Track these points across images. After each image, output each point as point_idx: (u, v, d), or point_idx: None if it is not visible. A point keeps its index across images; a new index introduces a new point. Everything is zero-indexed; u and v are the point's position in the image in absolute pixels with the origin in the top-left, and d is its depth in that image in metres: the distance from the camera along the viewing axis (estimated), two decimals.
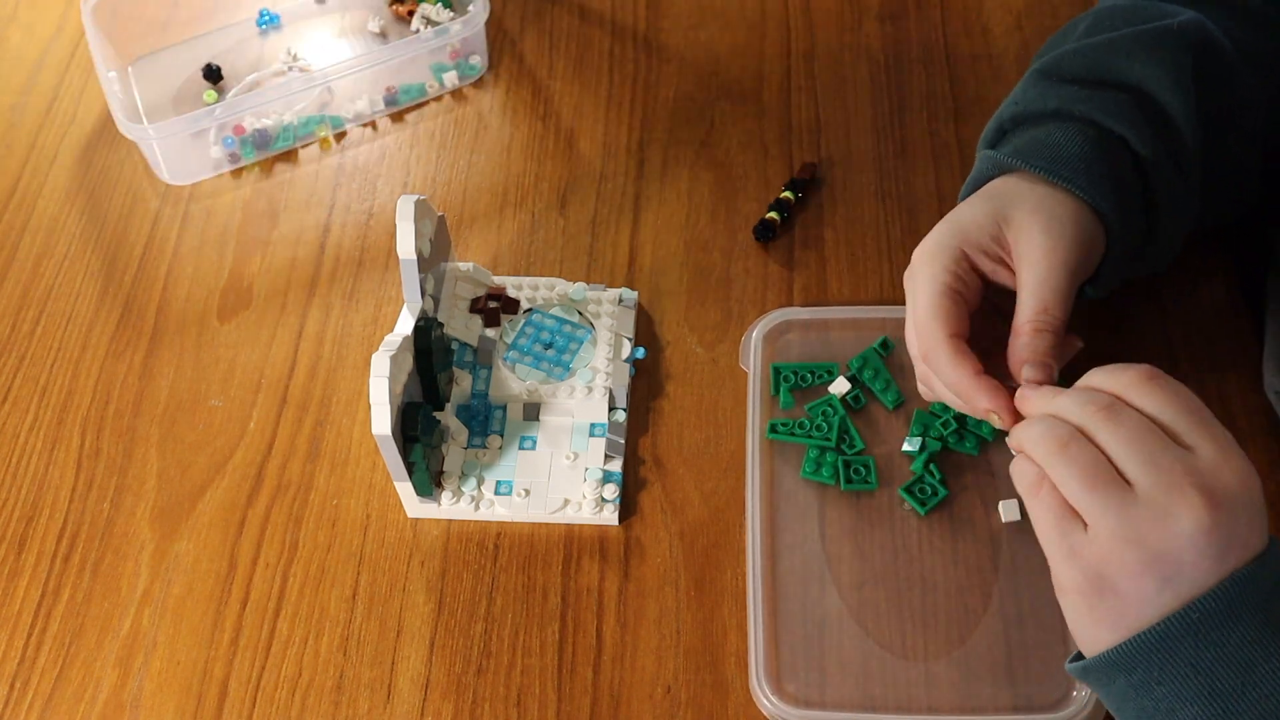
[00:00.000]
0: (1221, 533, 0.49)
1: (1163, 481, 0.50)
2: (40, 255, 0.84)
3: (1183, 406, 0.52)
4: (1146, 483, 0.50)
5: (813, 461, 0.69)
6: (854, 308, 0.76)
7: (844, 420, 0.71)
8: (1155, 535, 0.50)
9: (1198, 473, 0.50)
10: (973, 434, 0.69)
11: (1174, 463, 0.50)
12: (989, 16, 0.93)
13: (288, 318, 0.80)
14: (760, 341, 0.74)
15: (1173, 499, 0.49)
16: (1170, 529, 0.49)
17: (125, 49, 0.93)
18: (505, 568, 0.69)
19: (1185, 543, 0.49)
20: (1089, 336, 0.74)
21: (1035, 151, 0.65)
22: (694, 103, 0.89)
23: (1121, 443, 0.51)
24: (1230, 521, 0.49)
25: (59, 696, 0.66)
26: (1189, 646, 0.49)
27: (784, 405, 0.72)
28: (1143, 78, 0.66)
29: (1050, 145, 0.64)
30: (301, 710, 0.65)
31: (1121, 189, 0.64)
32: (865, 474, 0.69)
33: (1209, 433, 0.51)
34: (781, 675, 0.63)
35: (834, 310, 0.76)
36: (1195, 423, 0.52)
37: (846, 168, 0.85)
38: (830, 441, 0.70)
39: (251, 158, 0.88)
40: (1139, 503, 0.50)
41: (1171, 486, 0.50)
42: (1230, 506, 0.49)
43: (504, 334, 0.76)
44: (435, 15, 0.93)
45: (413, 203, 0.68)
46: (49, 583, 0.70)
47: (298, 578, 0.69)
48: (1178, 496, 0.49)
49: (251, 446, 0.74)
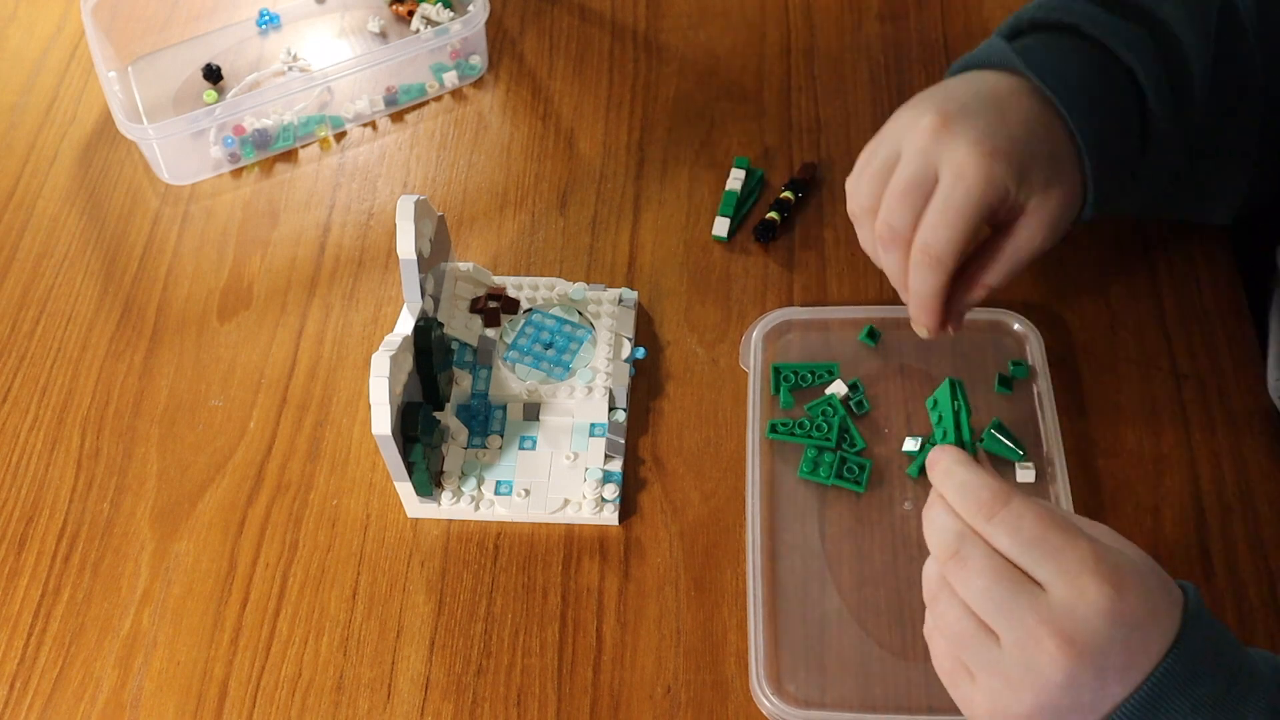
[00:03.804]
0: (1090, 671, 0.48)
1: (1018, 635, 0.49)
2: (40, 255, 0.84)
3: (1026, 538, 0.50)
4: (1006, 636, 0.49)
5: (810, 461, 0.69)
6: (854, 307, 0.77)
7: (844, 420, 0.71)
8: (1027, 687, 0.49)
9: (1051, 620, 0.48)
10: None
11: (1025, 612, 0.49)
12: (989, 16, 0.93)
13: (288, 318, 0.80)
14: (760, 341, 0.74)
15: (1030, 652, 0.48)
16: (1037, 681, 0.48)
17: (125, 49, 0.93)
18: (505, 568, 0.69)
19: (1057, 690, 0.48)
20: (1089, 337, 0.75)
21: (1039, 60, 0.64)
22: (694, 103, 0.89)
23: (974, 597, 0.50)
24: (1099, 657, 0.48)
25: (59, 696, 0.66)
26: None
27: (784, 405, 0.72)
28: (1168, 17, 0.65)
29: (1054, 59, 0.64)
30: (301, 710, 0.65)
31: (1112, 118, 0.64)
32: (857, 474, 0.69)
33: (1058, 566, 0.49)
34: (782, 676, 0.63)
35: (834, 310, 0.76)
36: (1042, 556, 0.49)
37: (846, 168, 0.83)
38: (830, 442, 0.70)
39: (251, 158, 0.88)
40: (1004, 657, 0.49)
41: (1027, 639, 0.48)
42: (1093, 643, 0.48)
43: (504, 334, 0.76)
44: (435, 15, 0.93)
45: (413, 203, 0.68)
46: (49, 583, 0.70)
47: (298, 578, 0.69)
48: (1034, 648, 0.48)
49: (251, 446, 0.74)
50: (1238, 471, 0.69)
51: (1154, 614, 0.49)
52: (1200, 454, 0.70)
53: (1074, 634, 0.48)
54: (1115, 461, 0.70)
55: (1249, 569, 0.66)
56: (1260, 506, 0.68)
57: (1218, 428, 0.71)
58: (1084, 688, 0.48)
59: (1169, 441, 0.71)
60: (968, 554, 0.51)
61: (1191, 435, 0.71)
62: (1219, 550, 0.67)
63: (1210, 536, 0.67)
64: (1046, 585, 0.49)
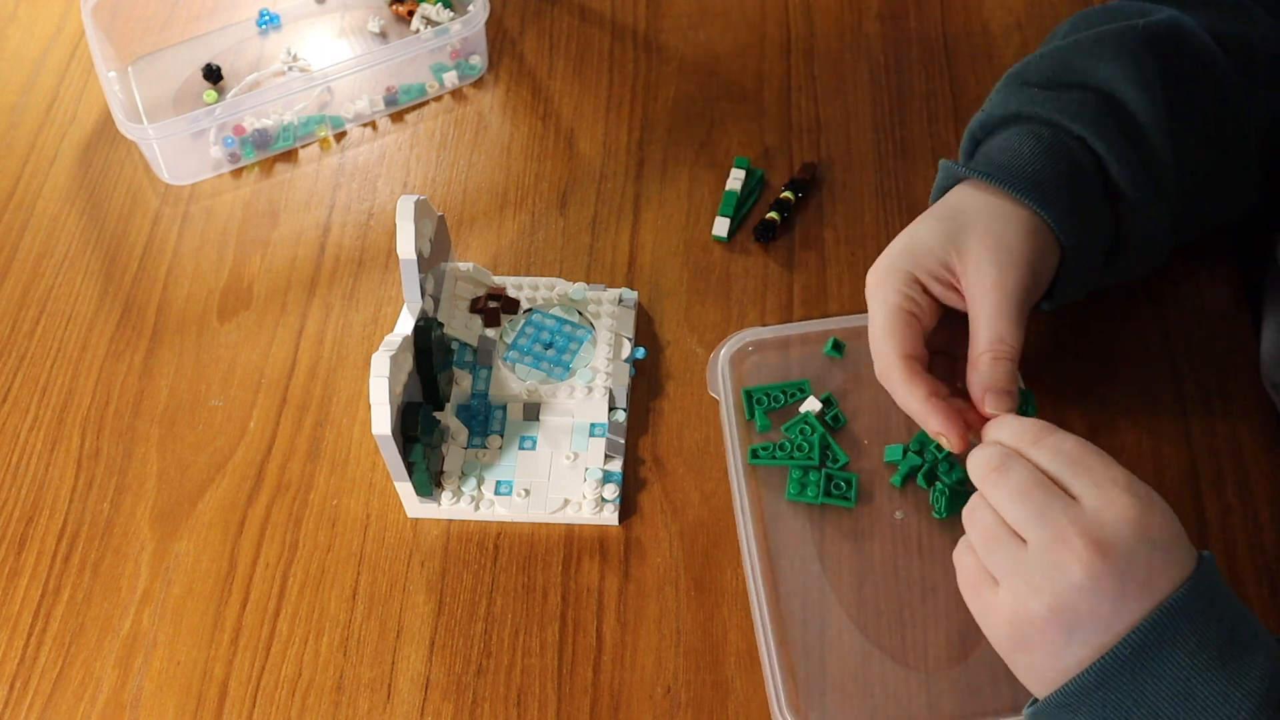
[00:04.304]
0: (1113, 577, 0.50)
1: (1048, 535, 0.51)
2: (40, 255, 0.84)
3: (1067, 457, 0.53)
4: (1034, 538, 0.52)
5: (796, 483, 0.69)
6: (816, 321, 0.75)
7: (824, 437, 0.70)
8: (1049, 588, 0.51)
9: (1082, 522, 0.51)
10: None
11: (1058, 515, 0.52)
12: (989, 16, 0.93)
13: (288, 318, 0.80)
14: (727, 366, 0.73)
15: (1058, 551, 0.51)
16: (1061, 581, 0.51)
17: (125, 49, 0.93)
18: (505, 568, 0.69)
19: (1078, 592, 0.50)
20: (1089, 338, 0.75)
21: (990, 158, 0.65)
22: (694, 103, 0.89)
23: (1008, 501, 0.53)
24: (1122, 563, 0.50)
25: (59, 696, 0.66)
26: (1126, 681, 0.50)
27: (760, 428, 0.72)
28: (1106, 78, 0.66)
29: (1006, 150, 0.65)
30: (301, 710, 0.65)
31: (1077, 193, 0.64)
32: (845, 490, 0.68)
33: (1092, 479, 0.52)
34: (801, 700, 0.62)
35: (796, 326, 0.75)
36: (1079, 471, 0.53)
37: (846, 168, 0.85)
38: (814, 461, 0.69)
39: (251, 158, 0.88)
40: (1030, 559, 0.52)
41: (1056, 539, 0.51)
42: (1118, 549, 0.50)
43: (504, 334, 0.76)
44: (435, 15, 0.93)
45: (413, 203, 0.68)
46: (49, 583, 0.70)
47: (298, 578, 0.69)
48: (1063, 548, 0.51)
49: (251, 446, 0.74)
50: (1238, 471, 0.69)
51: (1176, 540, 0.52)
52: (1200, 453, 0.70)
53: (1101, 537, 0.50)
54: None
55: (1249, 569, 0.66)
56: (1260, 506, 0.68)
57: (1218, 427, 0.71)
58: (1104, 595, 0.50)
59: (1168, 440, 0.71)
60: (1010, 466, 0.54)
61: (1191, 434, 0.71)
62: (1219, 550, 0.67)
63: (1210, 536, 0.67)
64: (1080, 496, 0.52)
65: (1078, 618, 0.51)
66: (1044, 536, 0.52)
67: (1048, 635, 0.51)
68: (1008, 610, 0.53)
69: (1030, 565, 0.52)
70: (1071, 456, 0.53)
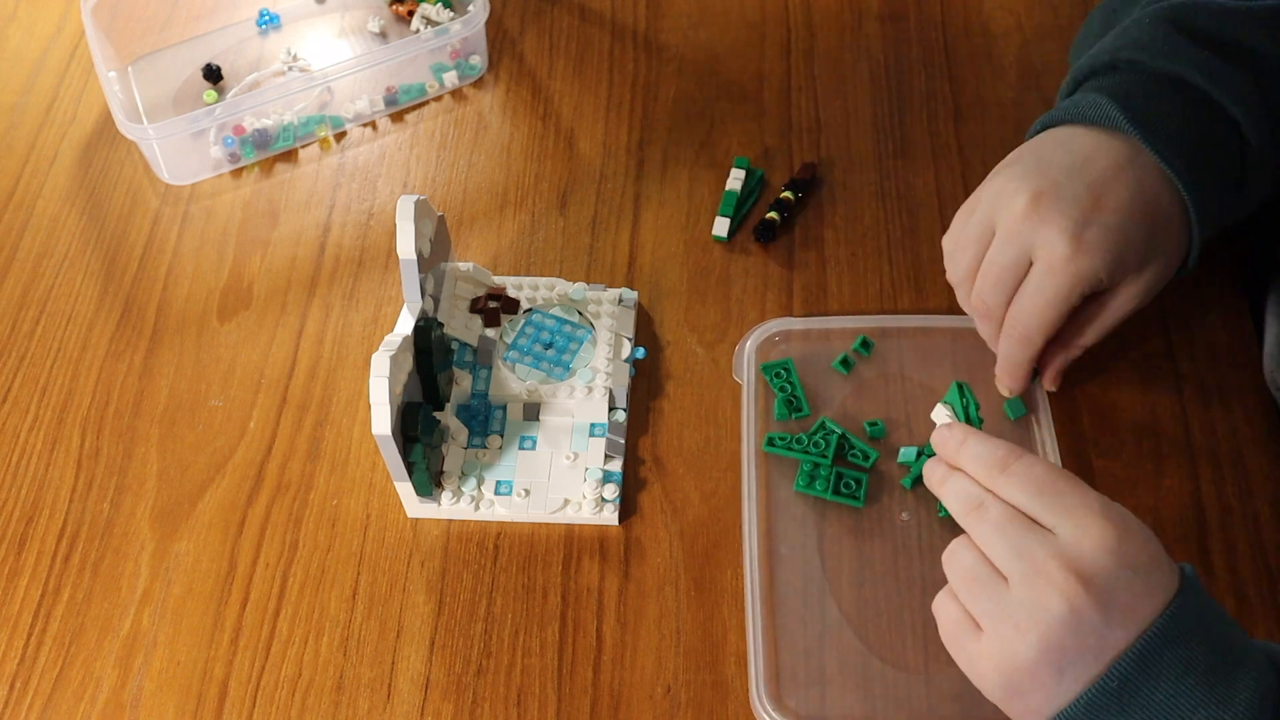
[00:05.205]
0: (1097, 608, 0.50)
1: (1027, 570, 0.51)
2: (40, 255, 0.84)
3: (1035, 487, 0.53)
4: (1014, 572, 0.52)
5: (806, 475, 0.69)
6: (849, 317, 0.76)
7: (843, 438, 0.70)
8: (1034, 628, 0.50)
9: (1060, 554, 0.50)
10: None
11: (1035, 548, 0.51)
12: (989, 16, 0.93)
13: (288, 318, 0.80)
14: (754, 352, 0.74)
15: (1038, 586, 0.50)
16: (1045, 617, 0.50)
17: (125, 49, 0.93)
18: (505, 568, 0.69)
19: (1062, 627, 0.50)
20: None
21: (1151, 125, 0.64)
22: (694, 103, 0.89)
23: (988, 538, 0.53)
24: (1105, 594, 0.50)
25: (59, 696, 0.66)
26: (1114, 714, 0.50)
27: (778, 416, 0.72)
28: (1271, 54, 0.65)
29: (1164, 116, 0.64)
30: (301, 710, 0.65)
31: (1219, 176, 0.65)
32: (855, 489, 0.68)
33: (1063, 508, 0.52)
34: (782, 690, 0.63)
35: (830, 320, 0.75)
36: (1049, 502, 0.52)
37: (846, 168, 0.85)
38: (827, 459, 0.69)
39: (251, 158, 0.88)
40: (1012, 597, 0.51)
41: (1036, 574, 0.51)
42: (1099, 579, 0.50)
43: (504, 334, 0.76)
44: (435, 15, 0.93)
45: (413, 203, 0.68)
46: (49, 583, 0.70)
47: (298, 578, 0.69)
48: (1043, 582, 0.50)
49: (251, 446, 0.74)
50: (1237, 471, 0.69)
51: (1156, 562, 0.51)
52: (1200, 453, 0.70)
53: (1080, 567, 0.50)
54: (1114, 462, 0.70)
55: (1249, 569, 0.66)
56: (1260, 506, 0.68)
57: (1217, 427, 0.71)
58: (1089, 626, 0.49)
59: (1168, 441, 0.71)
60: (988, 503, 0.54)
61: (1191, 435, 0.71)
62: (1219, 550, 0.67)
63: (1210, 536, 0.67)
64: (1054, 528, 0.52)
65: (1065, 654, 0.50)
66: (1024, 570, 0.51)
67: (1039, 678, 0.51)
68: (995, 658, 0.52)
69: (1013, 604, 0.51)
70: (1041, 485, 0.53)
